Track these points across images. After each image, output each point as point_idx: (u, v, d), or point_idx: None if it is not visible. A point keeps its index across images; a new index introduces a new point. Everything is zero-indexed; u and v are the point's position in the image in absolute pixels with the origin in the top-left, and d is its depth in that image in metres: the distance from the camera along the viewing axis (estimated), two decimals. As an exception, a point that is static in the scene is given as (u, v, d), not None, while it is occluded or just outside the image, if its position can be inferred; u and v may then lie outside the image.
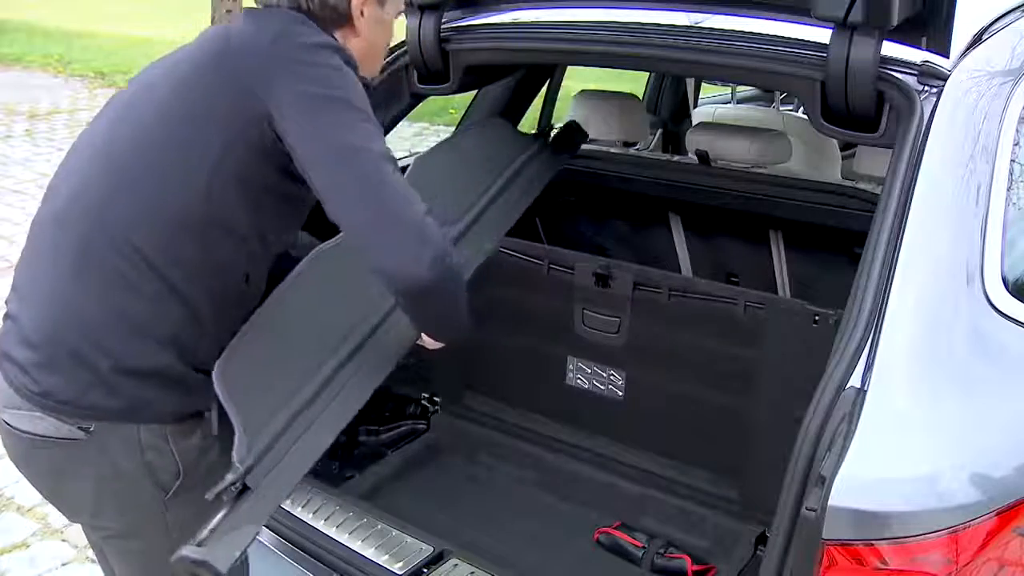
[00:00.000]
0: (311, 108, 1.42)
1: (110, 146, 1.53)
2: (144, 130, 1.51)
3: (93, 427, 1.47)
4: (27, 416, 1.49)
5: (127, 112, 1.56)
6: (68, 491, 1.59)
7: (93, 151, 1.56)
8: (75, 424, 1.47)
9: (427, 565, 1.91)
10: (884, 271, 1.38)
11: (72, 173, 1.56)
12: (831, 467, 1.24)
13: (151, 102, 1.53)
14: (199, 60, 1.53)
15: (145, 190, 1.47)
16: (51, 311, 1.48)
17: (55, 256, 1.50)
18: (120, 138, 1.53)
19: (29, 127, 8.99)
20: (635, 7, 1.92)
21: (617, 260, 2.41)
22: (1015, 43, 1.66)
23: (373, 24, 1.63)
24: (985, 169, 1.49)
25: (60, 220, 1.52)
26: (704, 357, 2.21)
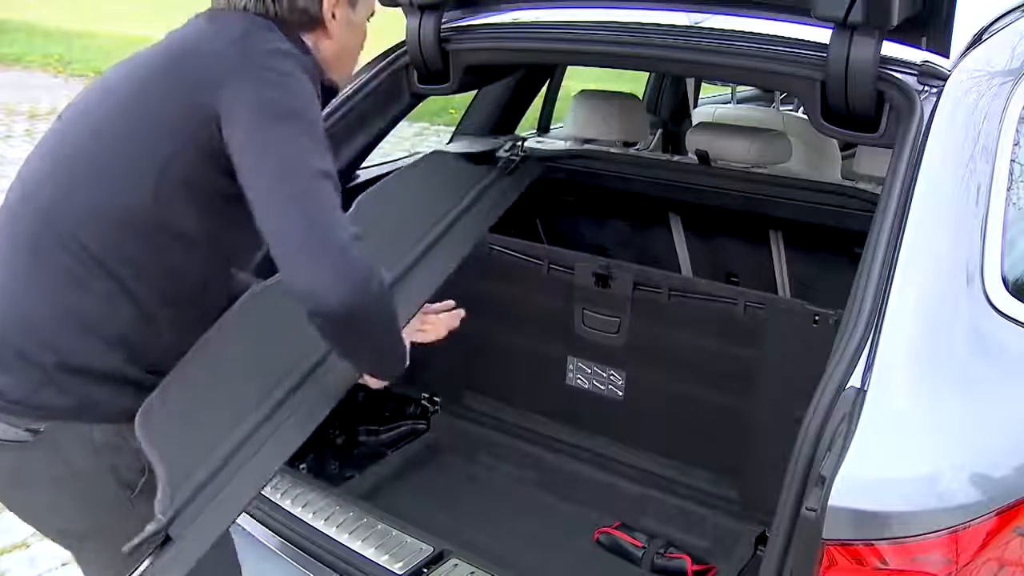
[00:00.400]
0: (257, 115, 1.39)
1: (63, 147, 1.52)
2: (97, 131, 1.49)
3: (43, 427, 1.44)
4: None
5: (83, 113, 1.55)
6: (27, 499, 1.55)
7: (47, 151, 1.55)
8: (24, 426, 1.44)
9: (427, 565, 1.91)
10: (884, 271, 1.38)
11: (28, 174, 1.55)
12: (831, 467, 1.24)
13: (107, 103, 1.52)
14: (157, 62, 1.52)
15: (95, 189, 1.45)
16: (1, 311, 1.47)
17: (6, 255, 1.50)
18: (74, 138, 1.52)
19: (29, 127, 8.98)
20: (635, 7, 1.92)
21: (617, 260, 2.41)
22: (1015, 43, 1.66)
23: (345, 26, 1.60)
24: (985, 169, 1.50)
25: (13, 219, 1.51)
26: (704, 357, 2.21)
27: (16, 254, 1.48)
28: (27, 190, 1.52)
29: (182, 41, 1.53)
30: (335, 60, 1.62)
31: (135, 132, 1.45)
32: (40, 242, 1.46)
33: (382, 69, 2.27)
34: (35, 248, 1.46)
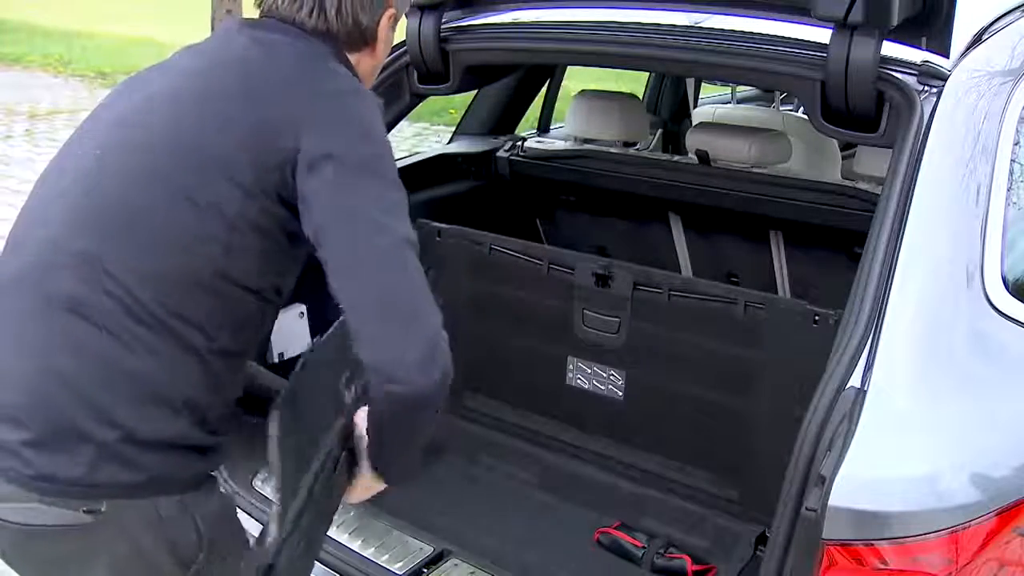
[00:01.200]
0: (341, 172, 1.28)
1: (101, 188, 1.33)
2: (145, 174, 1.32)
3: (104, 506, 1.27)
4: (20, 508, 1.27)
5: (123, 149, 1.36)
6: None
7: (78, 188, 1.34)
8: (82, 508, 1.26)
9: (427, 565, 1.91)
10: (884, 271, 1.38)
11: (48, 214, 1.34)
12: (831, 467, 1.24)
13: (150, 138, 1.34)
14: (209, 90, 1.36)
15: (153, 245, 1.29)
16: (38, 381, 1.27)
17: (32, 317, 1.30)
18: (116, 180, 1.33)
19: (29, 127, 8.99)
20: (635, 7, 1.92)
21: (617, 260, 2.41)
22: (1015, 43, 1.66)
23: (386, 45, 1.54)
24: (985, 169, 1.50)
25: (40, 271, 1.31)
26: (704, 357, 2.21)
27: (45, 315, 1.29)
28: (53, 235, 1.32)
29: (243, 76, 1.37)
30: (368, 77, 1.54)
31: (193, 183, 1.29)
32: (83, 298, 1.27)
33: (382, 69, 2.26)
34: (77, 304, 1.27)
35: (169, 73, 1.45)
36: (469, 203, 2.85)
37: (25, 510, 1.27)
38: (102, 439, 1.25)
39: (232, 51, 1.42)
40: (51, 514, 1.27)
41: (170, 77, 1.44)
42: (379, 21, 1.48)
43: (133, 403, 1.27)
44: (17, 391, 1.28)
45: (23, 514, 1.28)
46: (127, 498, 1.29)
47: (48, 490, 1.26)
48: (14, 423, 1.27)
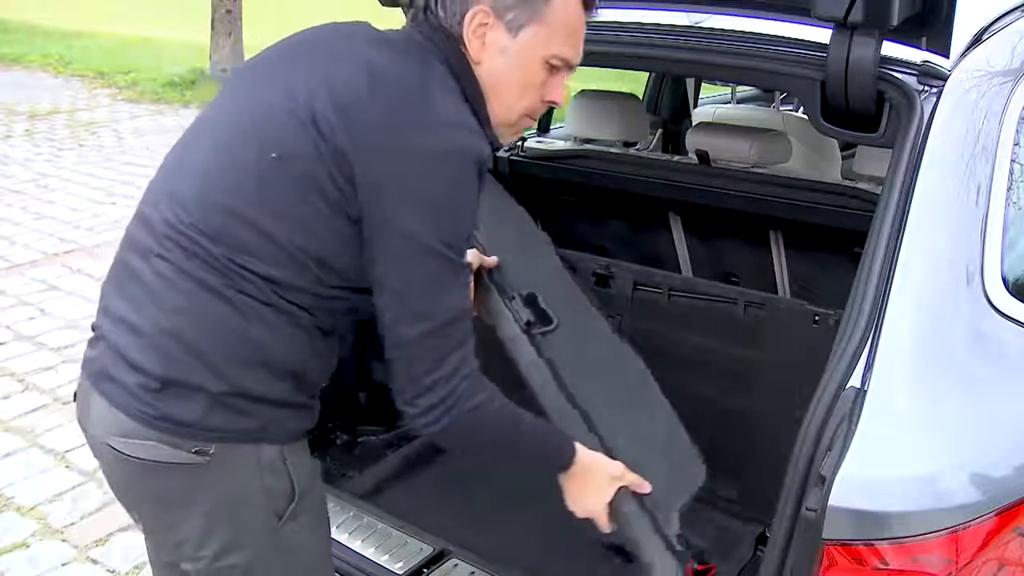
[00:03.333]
0: (411, 243, 1.33)
1: (228, 169, 1.40)
2: (270, 151, 1.36)
3: (213, 449, 1.39)
4: (139, 444, 1.40)
5: (250, 133, 1.40)
6: (175, 518, 1.47)
7: (209, 172, 1.42)
8: (193, 448, 1.38)
9: (427, 565, 1.91)
10: (884, 271, 1.38)
11: (185, 189, 1.42)
12: (831, 467, 1.24)
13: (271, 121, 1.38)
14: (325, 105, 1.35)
15: (282, 230, 1.36)
16: (165, 338, 1.39)
17: (169, 283, 1.40)
18: (244, 162, 1.39)
19: (29, 127, 8.99)
20: (635, 7, 1.92)
21: (617, 260, 2.40)
22: (1015, 43, 1.66)
23: (498, 55, 1.42)
24: (985, 169, 1.49)
25: (172, 236, 1.40)
26: (704, 357, 2.21)
27: (185, 278, 1.38)
28: (192, 208, 1.40)
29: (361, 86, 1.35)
30: (491, 92, 1.44)
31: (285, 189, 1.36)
32: (213, 270, 1.37)
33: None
34: (210, 276, 1.37)
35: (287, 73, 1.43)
36: None
37: (144, 445, 1.39)
38: (216, 391, 1.38)
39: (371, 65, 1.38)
40: (165, 452, 1.39)
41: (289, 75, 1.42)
42: (462, 23, 1.41)
43: (245, 366, 1.39)
44: (146, 345, 1.40)
45: (142, 449, 1.40)
46: (235, 442, 1.40)
47: (166, 428, 1.38)
48: (143, 373, 1.39)
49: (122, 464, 1.44)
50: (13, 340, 4.36)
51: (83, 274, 5.24)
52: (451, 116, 1.36)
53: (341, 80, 1.36)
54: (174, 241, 1.41)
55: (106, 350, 1.45)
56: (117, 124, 9.33)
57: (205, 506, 1.44)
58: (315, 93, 1.36)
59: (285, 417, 1.45)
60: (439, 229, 1.33)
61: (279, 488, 1.46)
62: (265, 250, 1.37)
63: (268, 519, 1.46)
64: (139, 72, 11.65)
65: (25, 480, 3.25)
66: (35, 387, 3.92)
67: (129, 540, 2.92)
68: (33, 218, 6.18)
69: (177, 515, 1.47)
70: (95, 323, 1.52)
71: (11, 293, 4.92)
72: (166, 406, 1.38)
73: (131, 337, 1.42)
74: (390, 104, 1.34)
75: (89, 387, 1.47)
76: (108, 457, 1.46)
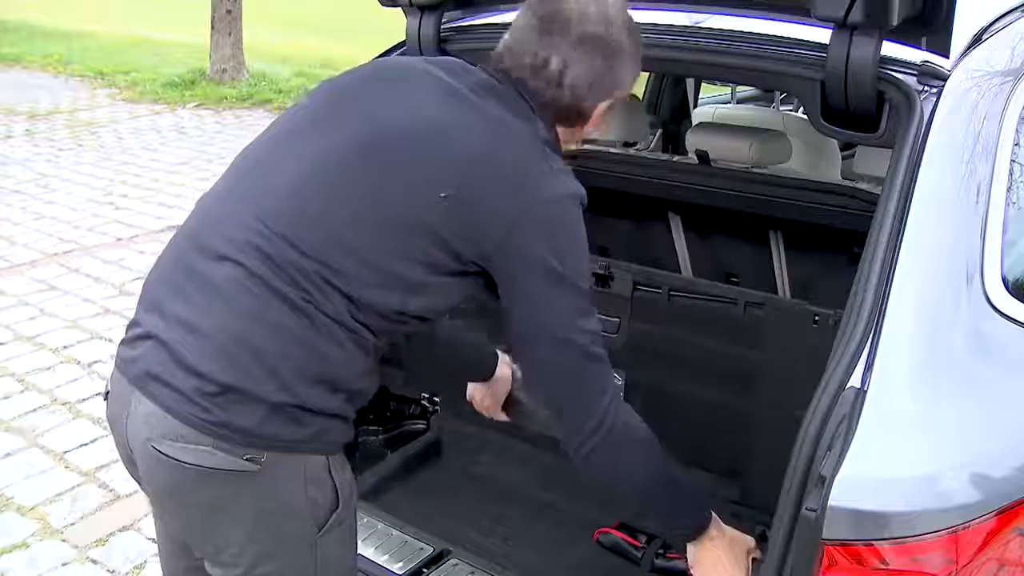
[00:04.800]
0: (542, 283, 1.42)
1: (310, 191, 1.44)
2: (356, 191, 1.43)
3: (265, 457, 1.39)
4: (192, 448, 1.39)
5: (325, 163, 1.46)
6: (219, 525, 1.47)
7: (295, 183, 1.45)
8: (245, 455, 1.38)
9: (427, 565, 1.91)
10: (884, 271, 1.38)
11: (287, 196, 1.45)
12: (831, 467, 1.24)
13: (363, 163, 1.44)
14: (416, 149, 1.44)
15: (355, 261, 1.40)
16: (233, 346, 1.39)
17: (246, 290, 1.40)
18: (323, 186, 1.44)
19: (29, 127, 8.99)
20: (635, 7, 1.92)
21: (617, 260, 2.40)
22: (1015, 43, 1.66)
23: (590, 128, 1.60)
24: (985, 169, 1.49)
25: (248, 247, 1.42)
26: (704, 357, 2.21)
27: (265, 289, 1.40)
28: (287, 220, 1.42)
29: (454, 137, 1.44)
30: (561, 149, 1.56)
31: (393, 237, 1.42)
32: (294, 283, 1.39)
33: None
34: (287, 289, 1.39)
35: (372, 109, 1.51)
36: None
37: (198, 450, 1.38)
38: (276, 401, 1.38)
39: (448, 110, 1.47)
40: (219, 458, 1.38)
41: (375, 113, 1.49)
42: (598, 105, 1.53)
43: (310, 380, 1.40)
44: (210, 351, 1.39)
45: (195, 454, 1.39)
46: (286, 451, 1.41)
47: (220, 435, 1.38)
48: (201, 377, 1.38)
49: (168, 469, 1.42)
50: (13, 340, 4.36)
51: (83, 274, 5.24)
52: (558, 165, 1.48)
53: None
54: (257, 248, 1.41)
55: (155, 350, 1.43)
56: (117, 124, 9.32)
57: (251, 514, 1.44)
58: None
59: (334, 428, 1.46)
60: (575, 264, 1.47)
61: (322, 499, 1.47)
62: (359, 272, 1.41)
63: (309, 529, 1.47)
64: (139, 72, 11.65)
65: (25, 480, 3.26)
66: (35, 387, 3.92)
67: (129, 540, 2.92)
68: (33, 218, 6.19)
69: (221, 522, 1.46)
70: (138, 320, 1.50)
71: (11, 293, 4.92)
72: (223, 411, 1.37)
73: (192, 339, 1.40)
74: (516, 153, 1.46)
75: (131, 388, 1.44)
76: (151, 461, 1.44)
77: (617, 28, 1.50)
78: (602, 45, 1.48)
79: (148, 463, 1.45)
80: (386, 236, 1.42)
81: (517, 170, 1.44)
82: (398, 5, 2.16)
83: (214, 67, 10.97)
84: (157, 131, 9.08)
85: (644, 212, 2.72)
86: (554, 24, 1.47)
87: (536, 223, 1.42)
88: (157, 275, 1.52)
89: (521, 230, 1.41)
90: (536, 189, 1.43)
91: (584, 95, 1.50)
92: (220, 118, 9.78)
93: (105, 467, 3.29)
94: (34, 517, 3.05)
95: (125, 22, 15.54)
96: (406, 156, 1.44)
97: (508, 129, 1.46)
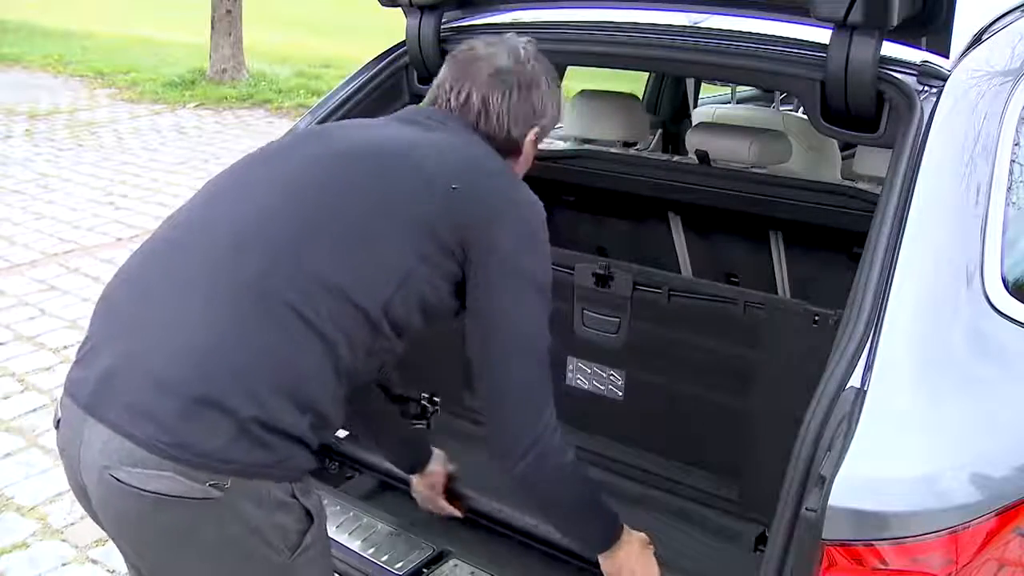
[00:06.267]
0: (511, 277, 1.51)
1: (300, 199, 1.49)
2: (342, 202, 1.48)
3: (229, 483, 1.34)
4: (153, 475, 1.33)
5: (314, 169, 1.53)
6: (182, 557, 1.41)
7: (277, 192, 1.50)
8: (207, 482, 1.33)
9: (427, 565, 1.91)
10: (884, 271, 1.38)
11: (240, 210, 1.48)
12: (831, 467, 1.24)
13: (347, 174, 1.52)
14: (392, 163, 1.52)
15: (337, 267, 1.43)
16: (196, 353, 1.36)
17: (223, 301, 1.39)
18: (312, 193, 1.50)
19: (29, 127, 8.99)
20: (635, 7, 1.92)
21: (617, 260, 2.40)
22: (1015, 43, 1.66)
23: (526, 160, 1.71)
24: (985, 169, 1.49)
25: (235, 254, 1.42)
26: (704, 357, 2.21)
27: (235, 297, 1.39)
28: (250, 228, 1.45)
29: (431, 157, 1.55)
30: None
31: (380, 231, 1.47)
32: (268, 293, 1.39)
33: (382, 69, 2.26)
34: (261, 296, 1.39)
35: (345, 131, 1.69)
36: None
37: (160, 477, 1.33)
38: (245, 416, 1.34)
39: (417, 131, 1.60)
40: (180, 485, 1.33)
41: (347, 134, 1.66)
42: (526, 136, 1.66)
43: (277, 392, 1.36)
44: (181, 362, 1.36)
45: (156, 481, 1.33)
46: (250, 477, 1.36)
47: (183, 459, 1.32)
48: (166, 391, 1.34)
49: (125, 497, 1.36)
50: (13, 340, 4.36)
51: (82, 274, 5.24)
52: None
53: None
54: (240, 256, 1.42)
55: (114, 362, 1.39)
56: (117, 124, 9.33)
57: (216, 542, 1.38)
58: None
59: (299, 456, 1.41)
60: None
61: (292, 523, 1.43)
62: (346, 266, 1.44)
63: (279, 555, 1.42)
64: (139, 72, 11.66)
65: (25, 480, 3.26)
66: (35, 387, 3.92)
67: (129, 540, 2.92)
68: (33, 218, 6.18)
69: (185, 552, 1.41)
70: (91, 335, 1.46)
71: (11, 293, 4.92)
72: (187, 432, 1.33)
73: (157, 347, 1.37)
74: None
75: (83, 416, 1.39)
76: (106, 490, 1.38)
77: (529, 63, 1.65)
78: (515, 77, 1.63)
79: (103, 493, 1.39)
80: (385, 231, 1.47)
81: (499, 174, 1.58)
82: (398, 5, 2.16)
83: (214, 67, 10.97)
84: (157, 131, 9.08)
85: (644, 212, 2.72)
86: (470, 65, 1.65)
87: (515, 221, 1.53)
88: (118, 284, 1.49)
89: (502, 224, 1.51)
90: (516, 192, 1.57)
91: (509, 125, 1.63)
92: (220, 118, 9.78)
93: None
94: (34, 517, 3.05)
95: (125, 22, 15.55)
96: (397, 161, 1.53)
97: (478, 143, 1.61)
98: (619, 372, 2.34)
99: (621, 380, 2.34)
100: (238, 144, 8.38)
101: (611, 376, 2.35)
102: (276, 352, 1.37)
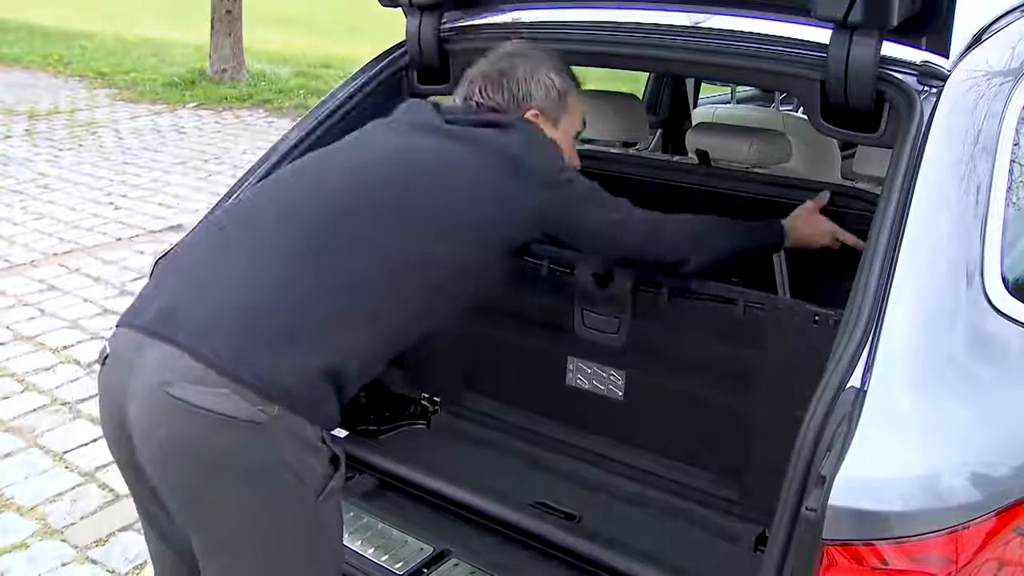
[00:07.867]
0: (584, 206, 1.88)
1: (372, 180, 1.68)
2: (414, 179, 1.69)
3: (276, 411, 1.40)
4: (209, 392, 1.39)
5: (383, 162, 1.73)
6: (217, 482, 1.45)
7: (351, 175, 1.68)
8: (257, 405, 1.39)
9: (427, 565, 1.91)
10: (884, 271, 1.38)
11: (320, 178, 1.68)
12: (831, 467, 1.24)
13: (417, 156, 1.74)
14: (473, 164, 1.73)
15: (411, 236, 1.60)
16: (261, 289, 1.48)
17: (296, 251, 1.53)
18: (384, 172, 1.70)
19: (29, 127, 8.99)
20: (635, 7, 1.92)
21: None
22: (1015, 43, 1.66)
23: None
24: (985, 169, 1.50)
25: (307, 216, 1.58)
26: (704, 357, 2.21)
27: (309, 253, 1.53)
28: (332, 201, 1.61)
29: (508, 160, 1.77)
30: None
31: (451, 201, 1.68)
32: (342, 251, 1.54)
33: (382, 69, 2.27)
34: (331, 251, 1.53)
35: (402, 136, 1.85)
36: None
37: (216, 394, 1.39)
38: (302, 351, 1.45)
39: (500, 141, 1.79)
40: (234, 403, 1.39)
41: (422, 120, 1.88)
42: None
43: (337, 336, 1.49)
44: (249, 292, 1.49)
45: (213, 398, 1.39)
46: (295, 412, 1.43)
47: (238, 377, 1.39)
48: (231, 314, 1.45)
49: (178, 415, 1.40)
50: (13, 340, 4.36)
51: (82, 274, 5.24)
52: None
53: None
54: (314, 212, 1.58)
55: (178, 291, 1.51)
56: (117, 124, 9.33)
57: (252, 469, 1.44)
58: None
59: (332, 403, 1.49)
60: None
61: (320, 467, 1.49)
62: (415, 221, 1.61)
63: (308, 494, 1.48)
64: (139, 72, 11.66)
65: (25, 480, 3.26)
66: (35, 387, 3.92)
67: (129, 540, 2.92)
68: (33, 218, 6.19)
69: (220, 477, 1.44)
70: (151, 285, 1.61)
71: (11, 293, 4.92)
72: (249, 352, 1.41)
73: (224, 276, 1.51)
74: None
75: (141, 338, 1.47)
76: (160, 409, 1.42)
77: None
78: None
79: (153, 414, 1.43)
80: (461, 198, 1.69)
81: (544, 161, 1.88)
82: (398, 5, 2.17)
83: (214, 67, 10.97)
84: (157, 131, 9.08)
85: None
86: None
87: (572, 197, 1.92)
88: (181, 250, 1.65)
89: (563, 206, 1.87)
90: (557, 173, 1.91)
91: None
92: (220, 118, 9.78)
93: (105, 467, 3.28)
94: (34, 517, 3.05)
95: (125, 22, 15.55)
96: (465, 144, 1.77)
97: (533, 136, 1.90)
98: (619, 372, 2.34)
99: (621, 380, 2.34)
100: (238, 144, 8.38)
101: (611, 376, 2.35)
102: (345, 304, 1.51)
